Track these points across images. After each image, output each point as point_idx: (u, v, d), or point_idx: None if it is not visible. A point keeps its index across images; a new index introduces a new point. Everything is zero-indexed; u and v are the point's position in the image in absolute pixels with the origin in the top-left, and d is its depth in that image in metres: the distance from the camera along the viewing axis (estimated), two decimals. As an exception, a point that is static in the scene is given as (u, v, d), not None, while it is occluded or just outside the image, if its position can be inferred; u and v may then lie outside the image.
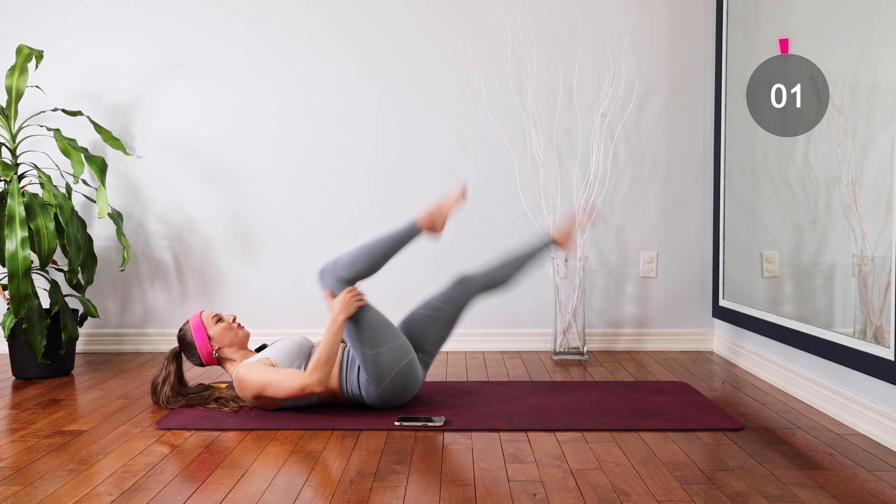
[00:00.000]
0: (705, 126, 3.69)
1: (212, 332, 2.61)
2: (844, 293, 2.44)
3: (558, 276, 3.57)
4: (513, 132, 3.69)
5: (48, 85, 3.72)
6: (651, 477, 1.97)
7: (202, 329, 2.61)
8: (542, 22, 3.67)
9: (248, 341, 2.68)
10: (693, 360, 3.46)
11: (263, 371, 2.46)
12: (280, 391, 2.44)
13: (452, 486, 1.91)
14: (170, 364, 2.66)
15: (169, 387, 2.63)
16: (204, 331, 2.61)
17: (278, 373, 2.45)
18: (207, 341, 2.60)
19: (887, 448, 2.20)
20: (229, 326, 2.63)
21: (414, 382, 2.57)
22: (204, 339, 2.60)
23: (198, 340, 2.60)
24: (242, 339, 2.65)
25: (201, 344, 2.59)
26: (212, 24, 3.69)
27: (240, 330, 2.65)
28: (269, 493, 1.87)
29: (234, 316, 2.69)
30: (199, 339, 2.60)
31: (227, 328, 2.63)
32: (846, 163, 2.43)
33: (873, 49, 2.28)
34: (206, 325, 2.62)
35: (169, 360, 2.66)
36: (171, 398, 2.63)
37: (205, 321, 2.63)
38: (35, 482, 1.95)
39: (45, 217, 3.05)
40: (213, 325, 2.62)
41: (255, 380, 2.46)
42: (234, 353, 2.64)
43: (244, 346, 2.66)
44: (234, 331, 2.64)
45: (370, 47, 3.69)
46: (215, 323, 2.63)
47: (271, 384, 2.44)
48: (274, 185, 3.72)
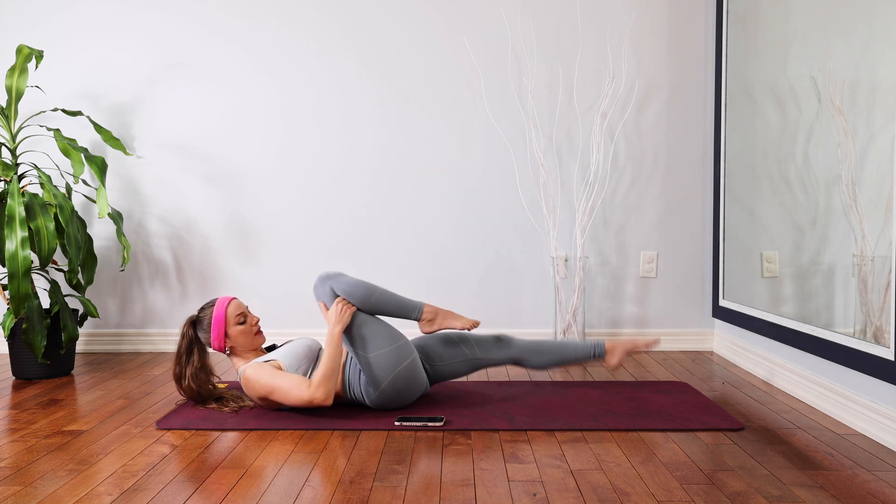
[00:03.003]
0: (705, 126, 3.69)
1: (230, 331, 2.59)
2: (844, 293, 2.44)
3: (558, 276, 3.57)
4: (513, 132, 3.69)
5: (48, 85, 3.71)
6: (651, 477, 1.97)
7: (223, 324, 2.58)
8: (542, 22, 3.67)
9: (261, 346, 2.68)
10: (693, 360, 3.46)
11: (271, 375, 2.46)
12: (287, 400, 2.45)
13: (452, 486, 1.91)
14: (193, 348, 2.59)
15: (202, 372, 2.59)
16: (223, 326, 2.59)
17: (286, 379, 2.45)
18: (223, 337, 2.58)
19: (887, 448, 2.20)
20: (249, 330, 2.61)
21: (415, 384, 2.57)
22: (221, 333, 2.58)
23: (214, 332, 2.57)
24: (258, 345, 2.65)
25: (216, 337, 2.57)
26: (212, 24, 3.69)
27: (258, 337, 2.64)
28: (269, 493, 1.87)
29: (257, 319, 2.66)
30: (217, 332, 2.57)
31: (246, 332, 2.61)
32: (846, 163, 2.43)
33: (873, 49, 2.28)
34: (228, 322, 2.59)
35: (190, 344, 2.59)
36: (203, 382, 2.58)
37: (228, 317, 2.59)
38: (35, 482, 1.95)
39: (45, 217, 3.05)
40: (234, 325, 2.60)
41: (262, 383, 2.46)
42: (244, 353, 2.64)
43: (257, 349, 2.66)
44: (252, 336, 2.62)
45: (370, 47, 3.69)
46: (237, 323, 2.60)
47: (278, 390, 2.44)
48: (274, 184, 3.72)
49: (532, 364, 2.76)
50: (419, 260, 3.72)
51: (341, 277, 2.57)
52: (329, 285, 2.55)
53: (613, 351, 2.78)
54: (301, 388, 2.42)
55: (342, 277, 2.57)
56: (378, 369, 2.50)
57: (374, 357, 2.50)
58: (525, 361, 2.76)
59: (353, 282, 2.56)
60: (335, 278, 2.57)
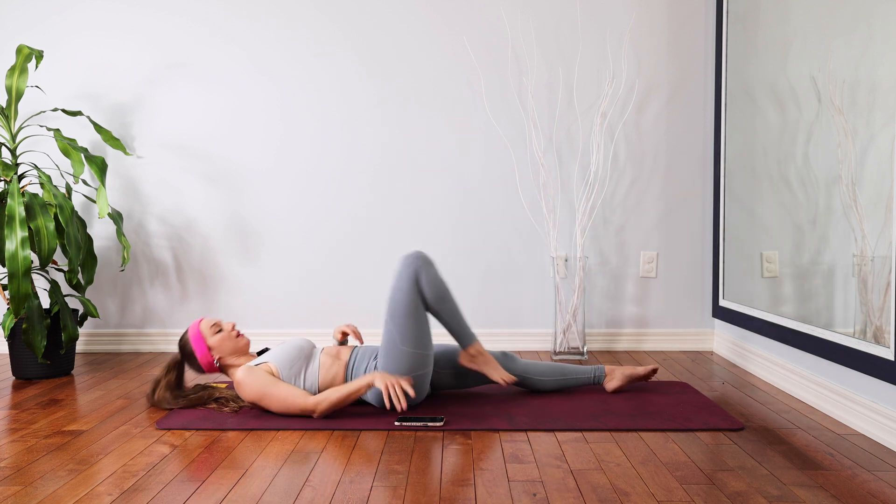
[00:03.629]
0: (705, 126, 3.69)
1: (211, 342, 2.60)
2: (844, 293, 2.44)
3: (558, 276, 3.57)
4: (513, 132, 3.69)
5: (48, 85, 3.72)
6: (651, 477, 1.97)
7: (201, 339, 2.60)
8: (542, 22, 3.67)
9: (248, 348, 2.67)
10: (693, 360, 3.46)
11: (262, 382, 2.47)
12: (279, 408, 2.46)
13: (452, 486, 1.91)
14: (170, 372, 2.66)
15: (167, 391, 2.63)
16: (203, 341, 2.60)
17: (280, 388, 2.46)
18: (207, 352, 2.59)
19: (887, 448, 2.20)
20: (228, 336, 2.62)
21: (418, 394, 2.60)
22: (204, 349, 2.59)
23: (198, 351, 2.59)
24: (242, 347, 2.64)
25: (202, 355, 2.59)
26: (212, 24, 3.69)
27: (239, 339, 2.64)
28: (269, 493, 1.87)
29: (233, 324, 2.66)
30: (199, 349, 2.59)
31: (226, 337, 2.61)
32: (846, 163, 2.43)
33: (873, 49, 2.28)
34: (205, 336, 2.60)
35: (170, 367, 2.66)
36: (167, 401, 2.63)
37: (203, 331, 2.61)
38: (35, 482, 1.96)
39: (45, 217, 3.05)
40: (213, 335, 2.60)
41: (253, 389, 2.47)
42: (235, 360, 2.63)
43: (245, 352, 2.66)
44: (234, 340, 2.62)
45: (370, 47, 3.69)
46: (214, 333, 2.61)
47: (270, 397, 2.46)
48: (274, 184, 3.72)
49: (533, 385, 2.81)
50: (419, 260, 3.72)
51: (432, 268, 2.59)
52: (415, 269, 2.57)
53: (613, 374, 2.83)
54: (297, 399, 2.45)
55: (433, 269, 2.59)
56: (399, 364, 2.52)
57: (405, 353, 2.52)
58: (527, 382, 2.80)
59: (439, 277, 2.59)
60: (425, 266, 2.58)
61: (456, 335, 2.63)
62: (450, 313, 2.60)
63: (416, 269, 2.57)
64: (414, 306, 2.54)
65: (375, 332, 3.72)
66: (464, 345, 2.64)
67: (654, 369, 2.82)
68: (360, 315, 3.74)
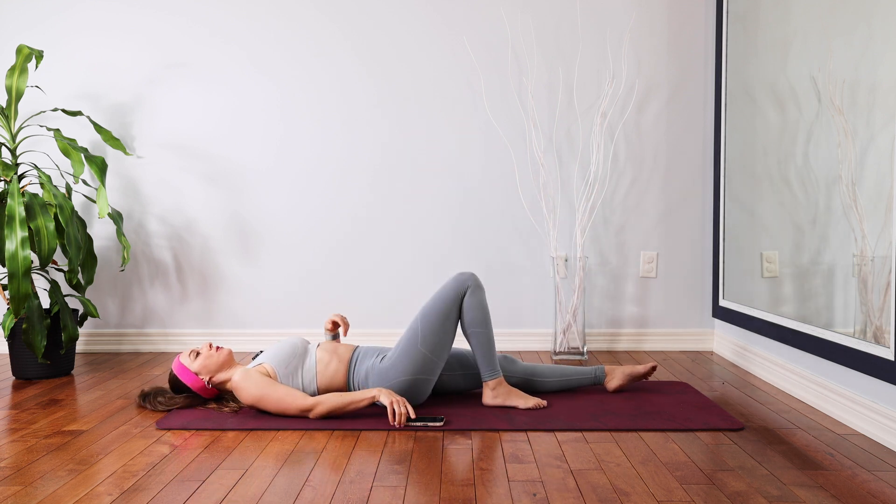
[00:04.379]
0: (705, 126, 3.69)
1: (195, 368, 2.61)
2: (844, 293, 2.44)
3: (558, 276, 3.57)
4: (513, 132, 3.69)
5: (48, 85, 3.72)
6: (651, 477, 1.97)
7: (185, 370, 2.61)
8: (542, 22, 3.67)
9: (232, 357, 2.66)
10: (693, 360, 3.46)
11: (259, 384, 2.48)
12: (277, 408, 2.47)
13: (452, 486, 1.91)
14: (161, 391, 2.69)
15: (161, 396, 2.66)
16: (187, 370, 2.61)
17: (277, 390, 2.47)
18: (196, 377, 2.60)
19: (887, 448, 2.20)
20: (207, 355, 2.62)
21: (417, 396, 2.61)
22: (192, 377, 2.60)
23: (187, 381, 2.60)
24: (225, 358, 2.63)
25: (192, 382, 2.60)
26: (212, 24, 3.69)
27: (219, 352, 2.63)
28: (269, 493, 1.87)
29: (209, 343, 2.67)
30: (188, 378, 2.60)
31: (205, 357, 2.62)
32: (846, 163, 2.43)
33: (873, 49, 2.28)
34: (188, 365, 2.62)
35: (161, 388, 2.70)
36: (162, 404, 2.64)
37: (184, 362, 2.62)
38: (35, 482, 1.96)
39: (45, 217, 3.05)
40: (194, 361, 2.62)
41: (251, 391, 2.48)
42: (224, 373, 2.63)
43: (231, 363, 2.65)
44: (214, 356, 2.62)
45: (370, 47, 3.69)
46: (194, 358, 2.62)
47: (268, 398, 2.47)
48: (274, 184, 3.72)
49: (536, 386, 2.81)
50: (419, 260, 3.72)
51: (481, 292, 2.64)
52: (466, 287, 2.61)
53: (613, 374, 2.83)
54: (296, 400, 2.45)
55: (482, 293, 2.64)
56: (411, 362, 2.54)
57: (419, 353, 2.54)
58: (530, 383, 2.81)
59: (485, 303, 2.64)
60: (476, 288, 2.63)
61: (482, 364, 2.64)
62: (483, 341, 2.62)
63: (468, 287, 2.62)
64: (447, 315, 2.58)
65: (375, 331, 3.72)
66: (485, 377, 2.64)
67: (654, 366, 2.82)
68: (360, 315, 3.74)
